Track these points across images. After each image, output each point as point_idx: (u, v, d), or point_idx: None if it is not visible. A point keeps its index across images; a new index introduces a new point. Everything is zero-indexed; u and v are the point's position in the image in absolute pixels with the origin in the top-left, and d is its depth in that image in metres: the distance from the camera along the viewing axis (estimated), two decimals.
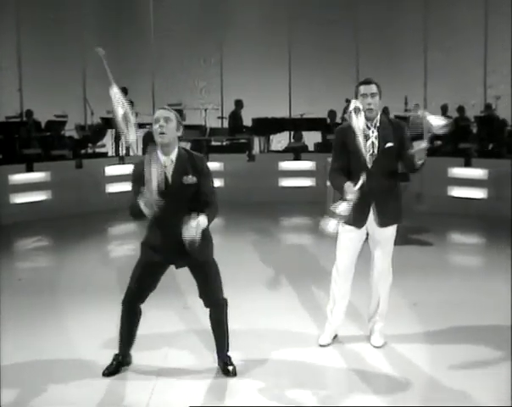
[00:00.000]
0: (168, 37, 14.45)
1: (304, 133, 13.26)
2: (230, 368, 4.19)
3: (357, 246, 4.64)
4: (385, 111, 11.10)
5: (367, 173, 4.34)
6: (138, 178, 3.93)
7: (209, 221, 3.93)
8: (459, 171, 10.74)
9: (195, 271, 4.13)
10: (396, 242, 4.74)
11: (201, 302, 4.20)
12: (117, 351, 4.23)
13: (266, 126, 12.92)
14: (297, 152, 12.45)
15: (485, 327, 5.15)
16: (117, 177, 10.94)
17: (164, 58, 14.60)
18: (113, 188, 11.04)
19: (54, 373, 4.29)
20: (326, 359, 4.54)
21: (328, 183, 9.85)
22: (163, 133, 3.96)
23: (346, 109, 12.57)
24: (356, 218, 4.35)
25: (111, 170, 11.31)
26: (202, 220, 3.82)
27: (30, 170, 10.52)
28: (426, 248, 8.27)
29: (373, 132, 4.50)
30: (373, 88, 4.54)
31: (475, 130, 12.12)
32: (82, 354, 4.50)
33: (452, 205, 10.53)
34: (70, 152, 11.63)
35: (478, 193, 10.48)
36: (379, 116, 4.56)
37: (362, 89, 4.55)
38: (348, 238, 4.58)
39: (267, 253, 7.80)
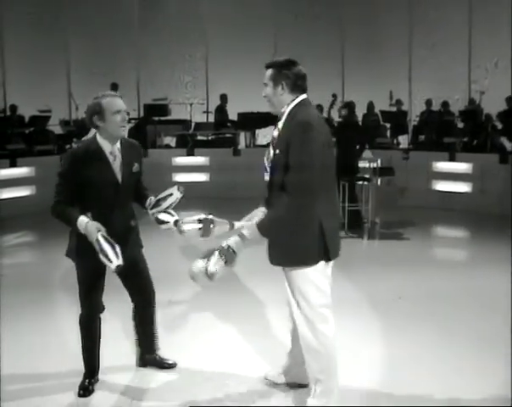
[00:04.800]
0: (153, 32, 14.38)
1: None
2: (170, 361, 4.19)
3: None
4: (349, 107, 10.88)
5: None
6: (77, 169, 3.62)
7: None
8: (443, 165, 10.78)
9: (129, 266, 3.71)
10: (380, 237, 4.55)
11: (188, 296, 4.16)
12: (85, 370, 3.91)
13: (252, 121, 12.87)
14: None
15: (469, 319, 5.16)
16: None
17: (149, 52, 14.52)
18: None
19: (38, 370, 4.24)
20: None
21: None
22: (124, 126, 3.71)
23: (332, 104, 12.76)
24: None
25: None
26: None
27: (13, 165, 10.43)
28: (411, 242, 8.29)
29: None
30: (265, 75, 3.44)
31: (459, 124, 12.17)
32: (68, 351, 4.44)
33: (436, 199, 10.58)
34: (55, 147, 11.53)
35: (462, 187, 10.53)
36: (286, 111, 3.40)
37: None
38: None
39: (251, 248, 7.77)
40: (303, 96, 3.41)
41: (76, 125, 12.77)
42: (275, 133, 3.42)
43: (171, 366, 4.20)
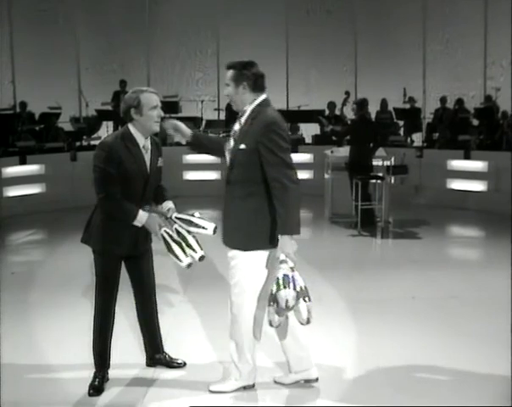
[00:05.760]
0: (163, 28, 14.40)
1: (301, 125, 13.21)
2: (180, 361, 4.23)
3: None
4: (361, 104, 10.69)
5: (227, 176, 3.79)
6: (115, 159, 3.69)
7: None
8: (458, 163, 10.72)
9: (140, 260, 3.99)
10: (394, 236, 4.60)
11: (201, 295, 4.17)
12: (96, 368, 3.95)
13: None
14: (294, 144, 12.41)
15: (483, 321, 5.14)
16: None
17: (159, 49, 14.54)
18: None
19: (50, 371, 4.26)
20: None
21: (326, 176, 9.89)
22: (159, 121, 3.84)
23: (345, 101, 12.72)
24: None
25: None
26: None
27: (23, 162, 10.45)
28: (425, 241, 8.25)
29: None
30: (227, 75, 3.76)
31: (474, 122, 12.10)
32: (78, 350, 4.45)
33: (451, 198, 10.52)
34: (65, 144, 11.57)
35: (478, 186, 10.47)
36: (249, 109, 3.69)
37: None
38: None
39: None
40: (264, 95, 3.70)
41: (86, 123, 12.83)
42: (237, 127, 3.72)
43: (180, 366, 4.22)
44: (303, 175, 11.92)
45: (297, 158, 11.84)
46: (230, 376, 3.88)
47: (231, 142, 3.73)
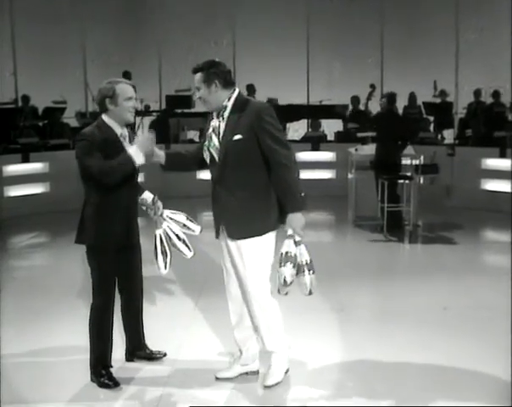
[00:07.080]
0: (176, 18, 14.42)
1: (323, 121, 13.18)
2: (161, 353, 4.46)
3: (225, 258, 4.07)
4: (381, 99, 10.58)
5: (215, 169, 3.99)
6: (97, 149, 3.95)
7: None
8: (493, 162, 10.63)
9: (129, 253, 4.22)
10: (423, 241, 4.61)
11: (213, 302, 4.18)
12: (94, 374, 4.14)
13: (282, 114, 12.78)
14: (315, 141, 12.38)
15: None
16: None
17: (171, 40, 14.57)
18: None
19: (52, 374, 4.35)
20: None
21: (350, 175, 9.85)
22: (133, 112, 4.10)
23: (370, 95, 12.66)
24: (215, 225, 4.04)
25: None
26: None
27: (26, 160, 10.53)
28: (457, 247, 8.20)
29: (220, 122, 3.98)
30: (196, 79, 3.97)
31: (511, 117, 11.99)
32: (80, 354, 4.48)
33: (485, 199, 10.43)
34: (71, 141, 11.63)
35: None
36: (230, 103, 3.94)
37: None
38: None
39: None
40: (237, 89, 4.02)
41: (93, 118, 12.87)
42: (216, 123, 3.95)
43: (163, 356, 4.46)
44: (324, 174, 11.91)
45: (318, 156, 12.07)
46: (272, 367, 4.05)
47: (214, 139, 3.93)
